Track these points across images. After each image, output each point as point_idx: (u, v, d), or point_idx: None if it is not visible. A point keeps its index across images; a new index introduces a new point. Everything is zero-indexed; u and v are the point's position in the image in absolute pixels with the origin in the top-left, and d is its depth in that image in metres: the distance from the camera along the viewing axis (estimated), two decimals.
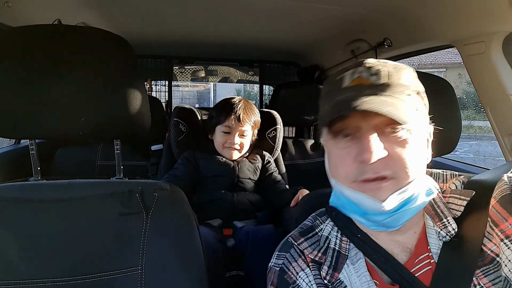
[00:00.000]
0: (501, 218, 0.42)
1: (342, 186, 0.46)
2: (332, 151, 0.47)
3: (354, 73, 0.46)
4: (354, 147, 0.44)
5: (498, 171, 0.48)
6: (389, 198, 0.42)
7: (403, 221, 0.45)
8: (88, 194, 0.59)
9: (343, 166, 0.45)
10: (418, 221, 0.49)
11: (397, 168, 0.43)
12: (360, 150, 0.43)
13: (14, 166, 1.37)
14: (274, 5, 1.11)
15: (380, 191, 0.43)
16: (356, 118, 0.44)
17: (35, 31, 0.58)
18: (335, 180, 0.48)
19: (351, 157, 0.44)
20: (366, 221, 0.46)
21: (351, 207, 0.46)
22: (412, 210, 0.45)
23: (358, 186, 0.44)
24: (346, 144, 0.45)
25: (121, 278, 0.56)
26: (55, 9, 1.12)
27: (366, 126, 0.44)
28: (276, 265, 0.52)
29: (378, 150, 0.42)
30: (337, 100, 0.45)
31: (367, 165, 0.42)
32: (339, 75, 0.48)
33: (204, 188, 1.23)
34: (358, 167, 0.43)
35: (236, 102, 1.25)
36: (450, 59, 5.86)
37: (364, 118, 0.43)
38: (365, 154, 0.42)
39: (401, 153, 0.43)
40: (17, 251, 0.55)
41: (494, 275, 0.42)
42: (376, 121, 0.43)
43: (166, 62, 2.18)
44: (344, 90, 0.46)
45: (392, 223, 0.45)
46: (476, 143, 4.17)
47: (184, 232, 0.60)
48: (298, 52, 1.92)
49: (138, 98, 0.61)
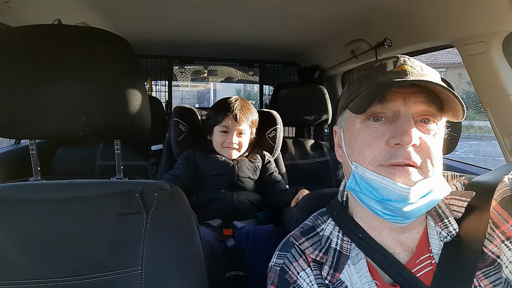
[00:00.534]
0: (502, 219, 0.42)
1: (365, 170, 0.46)
2: (360, 134, 0.47)
3: (397, 61, 0.47)
4: (387, 130, 0.44)
5: (499, 173, 0.48)
6: (417, 184, 0.43)
7: (420, 213, 0.45)
8: (88, 194, 0.59)
9: (372, 148, 0.45)
10: (422, 221, 0.49)
11: (425, 158, 0.44)
12: (397, 133, 0.43)
13: (14, 166, 1.37)
14: (274, 5, 1.11)
15: (408, 176, 0.43)
16: (397, 102, 0.44)
17: (35, 31, 0.58)
18: (356, 164, 0.47)
19: (383, 140, 0.44)
20: (383, 209, 0.45)
21: (370, 193, 0.46)
22: (431, 203, 0.45)
23: (384, 170, 0.44)
24: (379, 127, 0.45)
25: (121, 278, 0.56)
26: (55, 9, 1.12)
27: (406, 111, 0.44)
28: (276, 265, 0.52)
29: (416, 135, 0.43)
30: (382, 81, 0.45)
31: (400, 149, 0.43)
32: (378, 62, 0.49)
33: (204, 187, 1.23)
34: (390, 150, 0.44)
35: (232, 101, 1.26)
36: (450, 59, 5.86)
37: (405, 103, 0.44)
38: (405, 137, 0.42)
39: (431, 144, 0.44)
40: (17, 251, 0.55)
41: (495, 276, 0.42)
42: (417, 108, 0.44)
43: (166, 62, 2.18)
44: (390, 73, 0.46)
45: (410, 214, 0.44)
46: (476, 143, 4.17)
47: (184, 232, 0.60)
48: (298, 52, 1.92)
49: (138, 98, 0.61)
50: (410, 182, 0.43)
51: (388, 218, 0.46)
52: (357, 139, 0.47)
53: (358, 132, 0.47)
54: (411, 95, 0.44)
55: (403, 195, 0.42)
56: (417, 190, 0.43)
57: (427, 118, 0.45)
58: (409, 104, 0.44)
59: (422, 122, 0.45)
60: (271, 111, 1.48)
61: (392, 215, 0.45)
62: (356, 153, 0.47)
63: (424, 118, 0.45)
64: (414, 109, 0.44)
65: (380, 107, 0.45)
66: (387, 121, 0.45)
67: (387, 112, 0.45)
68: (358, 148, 0.47)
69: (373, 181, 0.45)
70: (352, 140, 0.48)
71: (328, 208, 0.57)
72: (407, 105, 0.44)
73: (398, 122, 0.44)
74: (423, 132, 0.45)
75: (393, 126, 0.44)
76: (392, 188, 0.43)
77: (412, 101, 0.44)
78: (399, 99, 0.44)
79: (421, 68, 0.47)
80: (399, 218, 0.45)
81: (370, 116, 0.46)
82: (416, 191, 0.42)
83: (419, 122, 0.45)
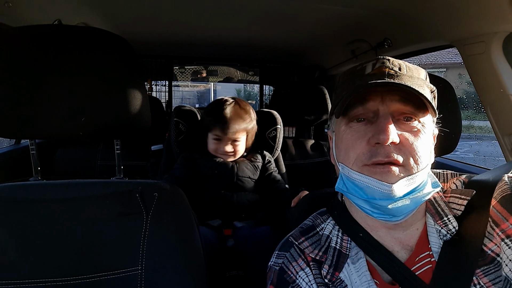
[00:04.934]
0: (502, 218, 0.42)
1: (350, 171, 0.47)
2: (344, 136, 0.48)
3: (376, 63, 0.48)
4: (369, 130, 0.45)
5: (499, 171, 0.49)
6: (399, 182, 0.43)
7: (408, 210, 0.45)
8: (88, 194, 0.59)
9: (355, 148, 0.46)
10: (420, 218, 0.49)
11: (407, 155, 0.44)
12: (376, 132, 0.44)
13: (14, 166, 1.37)
14: (274, 5, 1.11)
15: (390, 174, 0.43)
16: (375, 102, 0.46)
17: (35, 31, 0.58)
18: (342, 165, 0.48)
19: (365, 140, 0.45)
20: (371, 208, 0.46)
21: (356, 192, 0.46)
22: (418, 199, 0.45)
23: (367, 170, 0.45)
24: (361, 128, 0.46)
25: (121, 278, 0.56)
26: (55, 9, 1.12)
27: (384, 110, 0.45)
28: (276, 264, 0.52)
29: (394, 133, 0.43)
30: (360, 84, 0.46)
31: (380, 148, 0.43)
32: (359, 67, 0.50)
33: (204, 187, 1.23)
34: (371, 149, 0.44)
35: (227, 110, 1.14)
36: (450, 59, 5.87)
37: (383, 102, 0.45)
38: (381, 135, 0.43)
39: (413, 141, 0.44)
40: (17, 251, 0.55)
41: (495, 274, 0.42)
42: (394, 107, 0.45)
43: (166, 62, 2.18)
44: (367, 76, 0.47)
45: (397, 211, 0.45)
46: (476, 143, 4.17)
47: (184, 232, 0.60)
48: (298, 52, 1.92)
49: (138, 98, 0.61)
50: (391, 179, 0.43)
51: (377, 216, 0.46)
52: (342, 141, 0.48)
53: (342, 134, 0.48)
54: (387, 94, 0.45)
55: (386, 193, 0.43)
56: (399, 187, 0.43)
57: (408, 116, 0.46)
58: (388, 103, 0.45)
59: (404, 120, 0.46)
60: (271, 111, 1.48)
61: (380, 213, 0.46)
62: (342, 155, 0.49)
63: (405, 116, 0.46)
64: (393, 107, 0.45)
65: (361, 109, 0.46)
66: (369, 122, 0.46)
67: (367, 113, 0.47)
68: (344, 150, 0.48)
69: (357, 181, 0.46)
70: (338, 142, 0.50)
71: (328, 207, 0.57)
72: (385, 104, 0.45)
73: (377, 121, 0.45)
74: (405, 129, 0.45)
75: (373, 125, 0.45)
76: (375, 187, 0.44)
77: (389, 99, 0.45)
78: (377, 98, 0.46)
79: (399, 68, 0.47)
80: (387, 216, 0.46)
81: (353, 118, 0.47)
82: (398, 188, 0.43)
83: (401, 120, 0.46)
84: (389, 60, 0.48)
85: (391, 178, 0.43)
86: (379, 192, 0.43)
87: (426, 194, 0.46)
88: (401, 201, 0.44)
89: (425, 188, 0.45)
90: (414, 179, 0.44)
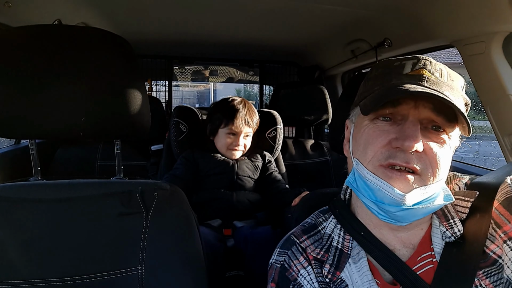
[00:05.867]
0: (504, 220, 0.42)
1: (364, 169, 0.45)
2: (366, 131, 0.47)
3: (417, 63, 0.46)
4: (393, 130, 0.44)
5: (501, 173, 0.48)
6: (412, 192, 0.42)
7: (414, 219, 0.45)
8: (88, 194, 0.59)
9: (374, 146, 0.45)
10: (427, 220, 0.49)
11: (427, 165, 0.43)
12: (401, 136, 0.42)
13: (14, 166, 1.37)
14: (274, 5, 1.11)
15: (405, 182, 0.42)
16: (408, 105, 0.44)
17: (35, 31, 0.58)
18: (357, 161, 0.47)
19: (386, 139, 0.44)
20: (377, 209, 0.46)
21: (366, 192, 0.46)
22: (427, 210, 0.44)
23: (382, 172, 0.44)
24: (385, 127, 0.45)
25: (121, 278, 0.56)
26: (55, 9, 1.12)
27: (414, 115, 0.44)
28: (277, 262, 0.52)
29: (420, 142, 0.42)
30: (396, 84, 0.45)
31: (400, 152, 0.42)
32: (397, 62, 0.47)
33: (204, 187, 1.23)
34: (390, 150, 0.43)
35: (240, 106, 1.26)
36: (450, 59, 5.86)
37: (415, 108, 0.44)
38: (407, 141, 0.41)
39: (436, 152, 0.43)
40: (17, 251, 0.55)
41: (496, 276, 0.42)
42: (425, 114, 0.44)
43: (166, 62, 2.18)
44: (405, 76, 0.45)
45: (403, 218, 0.44)
46: (476, 143, 4.17)
47: (184, 232, 0.60)
48: (298, 52, 1.92)
49: (138, 98, 0.61)
50: (405, 188, 0.42)
51: (382, 218, 0.46)
52: (362, 135, 0.47)
53: (364, 129, 0.47)
54: (421, 99, 0.44)
55: (397, 200, 0.42)
56: (412, 197, 0.42)
57: (437, 125, 0.44)
58: (420, 109, 0.44)
59: (432, 129, 0.44)
60: (271, 111, 1.48)
61: (385, 216, 0.45)
62: (359, 150, 0.47)
63: (435, 125, 0.44)
64: (424, 115, 0.44)
65: (391, 108, 0.45)
66: (395, 122, 0.45)
67: (396, 114, 0.45)
68: (362, 145, 0.47)
69: (370, 181, 0.45)
70: (358, 135, 0.48)
71: (330, 206, 0.57)
72: (417, 109, 0.44)
73: (404, 125, 0.44)
74: (431, 139, 0.44)
75: (399, 128, 0.44)
76: (387, 192, 0.43)
77: (422, 105, 0.43)
78: (411, 102, 0.44)
79: (440, 74, 0.45)
80: (392, 220, 0.45)
81: (380, 115, 0.46)
82: (410, 198, 0.42)
83: (429, 128, 0.44)
84: (431, 63, 0.46)
85: (405, 187, 0.42)
86: (389, 198, 0.43)
87: (436, 206, 0.45)
88: (410, 210, 0.43)
89: (436, 200, 0.44)
90: (427, 189, 0.43)
